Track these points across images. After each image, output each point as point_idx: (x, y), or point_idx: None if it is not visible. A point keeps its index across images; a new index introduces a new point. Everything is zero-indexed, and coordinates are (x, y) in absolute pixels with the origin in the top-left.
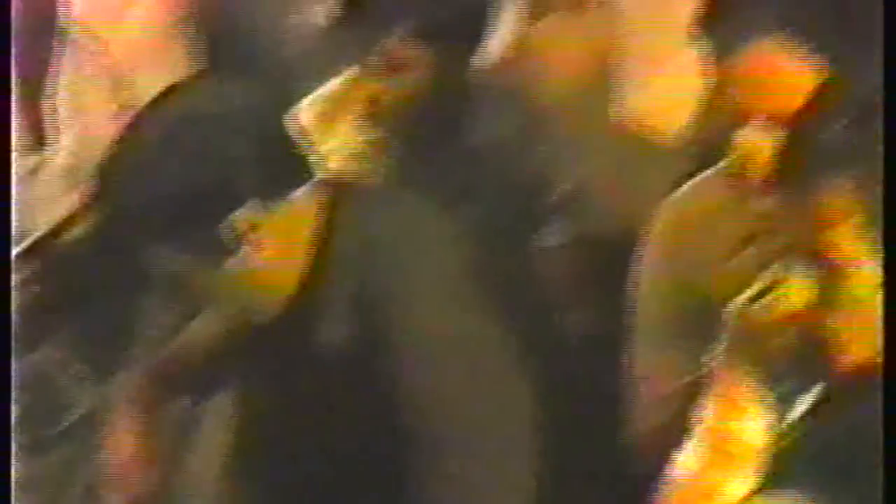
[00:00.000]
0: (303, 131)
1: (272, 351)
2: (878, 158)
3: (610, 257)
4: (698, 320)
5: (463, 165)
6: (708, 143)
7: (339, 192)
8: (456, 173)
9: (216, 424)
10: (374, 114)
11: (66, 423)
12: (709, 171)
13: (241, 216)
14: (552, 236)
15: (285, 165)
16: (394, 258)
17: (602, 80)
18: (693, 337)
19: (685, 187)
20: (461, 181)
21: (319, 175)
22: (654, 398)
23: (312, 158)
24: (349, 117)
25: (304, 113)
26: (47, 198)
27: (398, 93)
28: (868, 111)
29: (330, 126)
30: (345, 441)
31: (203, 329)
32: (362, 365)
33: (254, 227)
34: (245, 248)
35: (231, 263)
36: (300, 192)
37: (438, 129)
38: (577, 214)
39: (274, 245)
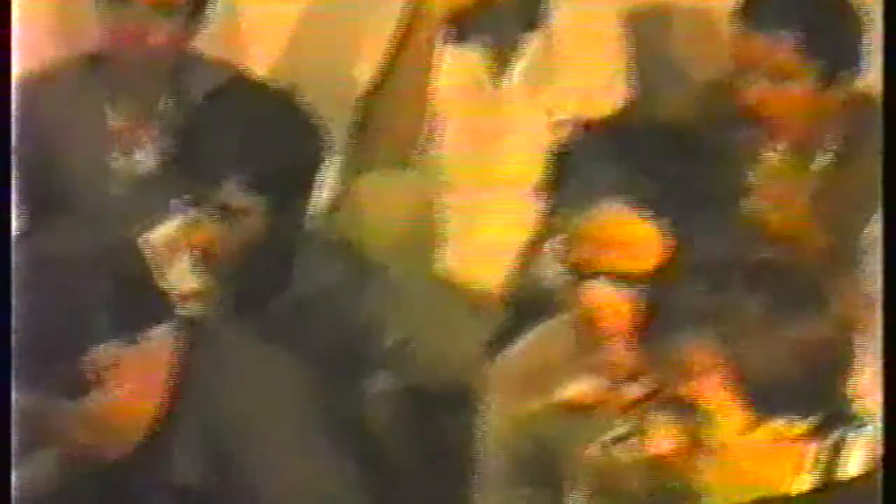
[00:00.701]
0: (155, 270)
1: (122, 490)
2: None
3: (436, 405)
4: (544, 467)
5: (293, 313)
6: (533, 296)
7: (192, 332)
8: (287, 320)
9: None
10: (207, 259)
11: None
12: (551, 322)
13: (97, 355)
14: (380, 384)
15: (141, 304)
16: (243, 397)
17: (426, 232)
18: (539, 484)
19: (529, 336)
20: (292, 328)
21: (175, 314)
22: None
23: (168, 297)
24: (183, 261)
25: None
26: None
27: (231, 240)
28: (725, 276)
29: (166, 269)
30: None
31: (43, 469)
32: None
33: (109, 366)
34: (100, 387)
35: (86, 401)
36: (156, 331)
37: (269, 277)
38: (404, 363)
39: (129, 383)
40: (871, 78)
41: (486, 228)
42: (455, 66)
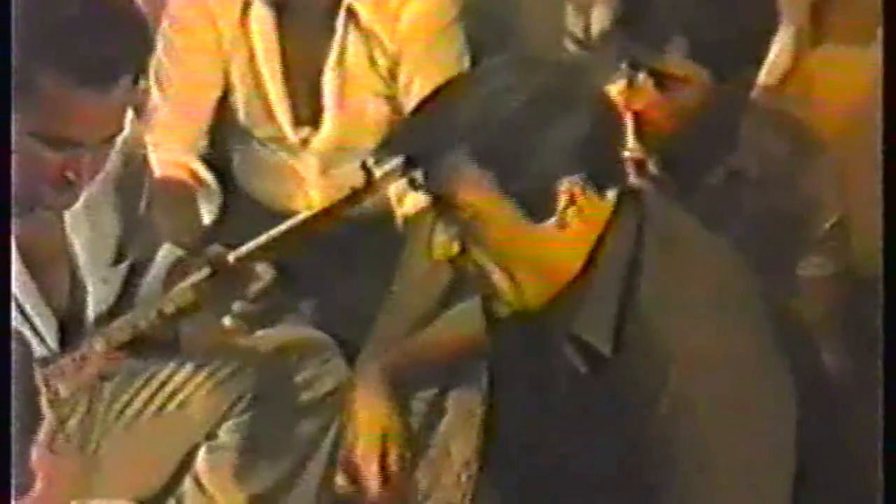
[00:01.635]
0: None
1: (527, 343)
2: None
3: (868, 293)
4: None
5: (730, 186)
6: None
7: (630, 197)
8: (722, 193)
9: (461, 416)
10: (645, 125)
11: (314, 396)
12: None
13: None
14: (814, 268)
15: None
16: (666, 263)
17: (873, 113)
18: None
19: None
20: (727, 201)
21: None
22: None
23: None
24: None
25: None
26: (312, 171)
27: (671, 107)
28: None
29: None
30: (594, 445)
31: (464, 315)
32: (621, 369)
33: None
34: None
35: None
36: (610, 192)
37: (708, 148)
38: (839, 248)
39: (570, 226)
40: None
41: None
42: None
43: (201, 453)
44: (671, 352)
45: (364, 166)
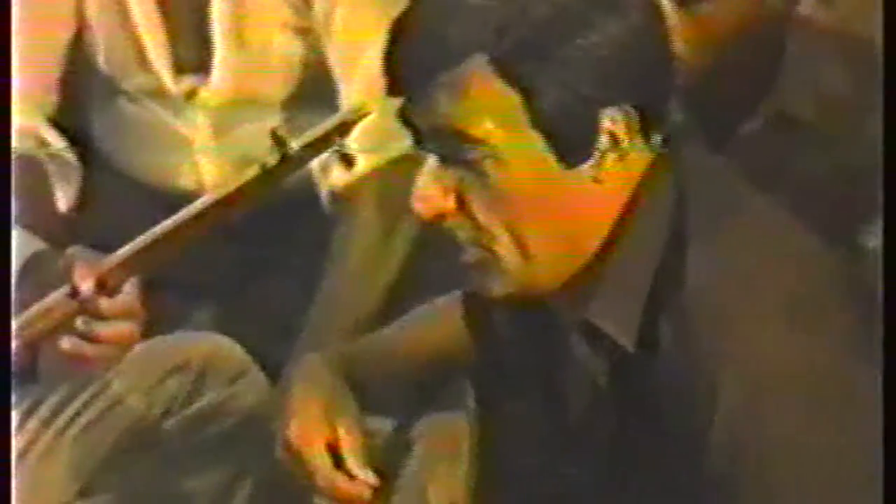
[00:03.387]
0: None
1: (536, 323)
2: None
3: None
4: None
5: (771, 134)
6: None
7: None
8: (762, 143)
9: (440, 449)
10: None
11: (221, 430)
12: None
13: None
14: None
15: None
16: (718, 242)
17: None
18: None
19: None
20: (768, 154)
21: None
22: None
23: None
24: None
25: None
26: (202, 133)
27: (693, 31)
28: None
29: None
30: (625, 483)
31: (441, 313)
32: (654, 376)
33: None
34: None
35: None
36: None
37: (744, 85)
38: None
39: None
40: None
41: None
42: None
43: None
44: (724, 360)
45: (275, 136)
